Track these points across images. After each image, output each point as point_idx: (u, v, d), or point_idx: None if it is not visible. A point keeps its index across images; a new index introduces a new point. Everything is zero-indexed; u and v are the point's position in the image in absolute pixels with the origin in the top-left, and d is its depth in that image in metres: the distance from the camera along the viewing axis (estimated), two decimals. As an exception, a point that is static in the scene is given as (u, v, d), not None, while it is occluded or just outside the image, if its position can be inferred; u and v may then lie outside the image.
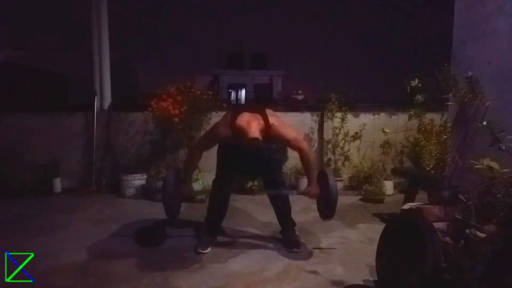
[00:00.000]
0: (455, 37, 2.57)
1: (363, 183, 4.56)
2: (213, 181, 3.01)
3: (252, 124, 2.47)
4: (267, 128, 2.54)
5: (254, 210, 3.90)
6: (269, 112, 2.66)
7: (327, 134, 4.98)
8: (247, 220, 3.60)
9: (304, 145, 2.74)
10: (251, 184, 4.57)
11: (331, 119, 4.88)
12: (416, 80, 2.93)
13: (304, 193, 2.84)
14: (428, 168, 3.42)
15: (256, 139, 2.45)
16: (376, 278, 2.26)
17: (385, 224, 2.37)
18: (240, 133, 2.48)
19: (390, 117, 5.08)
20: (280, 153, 3.02)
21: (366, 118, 5.00)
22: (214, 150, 3.00)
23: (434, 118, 4.15)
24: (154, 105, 4.41)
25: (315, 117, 5.05)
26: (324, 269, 2.53)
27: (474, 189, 2.02)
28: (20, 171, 4.51)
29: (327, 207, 2.78)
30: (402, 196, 3.78)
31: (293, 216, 3.08)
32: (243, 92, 18.90)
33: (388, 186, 4.60)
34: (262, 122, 2.54)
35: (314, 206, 4.06)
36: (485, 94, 2.23)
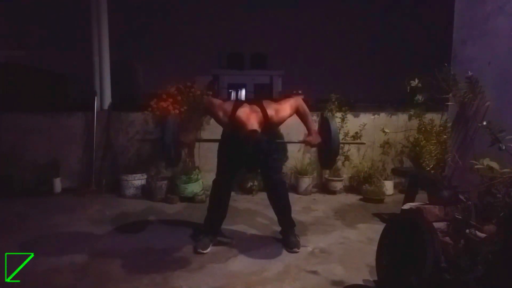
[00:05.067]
0: (455, 37, 2.57)
1: (363, 183, 4.57)
2: (213, 181, 3.01)
3: (251, 117, 2.54)
4: (266, 121, 2.59)
5: (254, 210, 3.90)
6: (266, 103, 2.69)
7: (327, 134, 4.97)
8: (247, 220, 3.60)
9: (298, 102, 2.80)
10: (251, 184, 4.57)
11: (331, 119, 4.87)
12: (416, 80, 2.93)
13: (305, 142, 2.85)
14: (428, 168, 3.42)
15: (254, 131, 2.48)
16: (376, 278, 2.26)
17: (385, 224, 2.37)
18: (239, 125, 2.53)
19: (390, 117, 5.08)
20: (280, 153, 3.01)
21: (366, 118, 5.00)
22: (214, 150, 3.00)
23: (434, 118, 4.15)
24: (154, 105, 4.42)
25: (315, 117, 5.04)
26: (324, 269, 2.53)
27: (474, 189, 2.02)
28: (20, 171, 4.51)
29: (328, 155, 2.79)
30: (402, 196, 3.79)
31: (293, 216, 3.08)
32: (243, 92, 18.88)
33: (388, 186, 4.61)
34: (260, 114, 2.59)
35: (314, 206, 4.10)
36: (485, 94, 2.23)
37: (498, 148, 1.82)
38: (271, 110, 2.65)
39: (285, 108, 2.75)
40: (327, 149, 2.77)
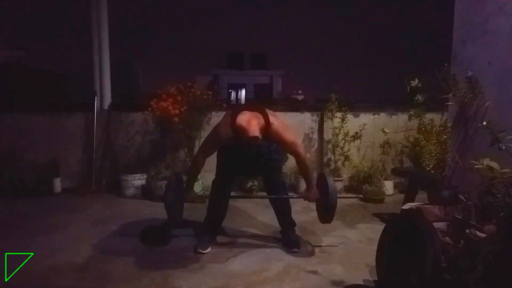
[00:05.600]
0: (455, 37, 2.56)
1: (363, 183, 4.57)
2: (213, 181, 3.01)
3: (252, 123, 2.48)
4: (267, 127, 2.54)
5: (254, 210, 3.90)
6: (269, 112, 2.66)
7: (327, 134, 4.98)
8: (247, 220, 3.60)
9: (301, 149, 2.75)
10: (251, 184, 4.57)
11: (331, 119, 4.88)
12: (416, 80, 2.93)
13: (303, 197, 2.86)
14: (428, 168, 3.42)
15: (256, 137, 2.45)
16: (376, 278, 2.26)
17: (385, 224, 2.37)
18: (240, 131, 2.48)
19: (390, 117, 5.08)
20: (280, 154, 3.02)
21: (366, 118, 5.00)
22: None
23: (434, 118, 4.14)
24: (154, 105, 4.42)
25: (315, 117, 5.05)
26: (324, 269, 2.53)
27: (474, 189, 2.02)
28: (20, 171, 4.51)
29: (326, 211, 2.80)
30: (402, 196, 3.79)
31: (293, 216, 3.08)
32: (243, 92, 18.90)
33: (388, 186, 4.61)
34: (262, 120, 2.53)
35: (314, 206, 4.09)
36: (485, 94, 2.23)
37: (498, 148, 1.82)
38: (273, 118, 2.61)
39: (289, 132, 2.68)
40: (326, 204, 2.79)
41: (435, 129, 3.91)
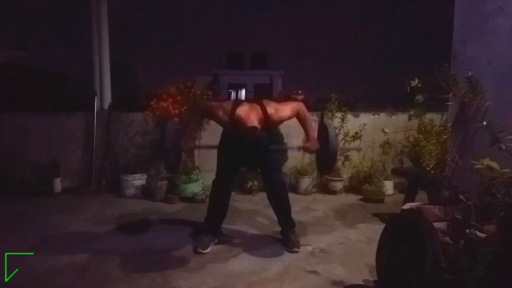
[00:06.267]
0: (455, 37, 2.57)
1: (363, 183, 4.57)
2: (213, 181, 3.01)
3: (250, 114, 2.56)
4: (266, 119, 2.62)
5: (254, 210, 3.90)
6: (266, 102, 2.72)
7: (327, 134, 4.98)
8: (247, 220, 3.60)
9: (299, 107, 2.83)
10: (251, 184, 4.57)
11: (331, 119, 4.88)
12: (416, 80, 2.93)
13: (303, 148, 2.88)
14: (428, 168, 3.42)
15: (254, 127, 2.50)
16: (376, 278, 2.26)
17: (385, 224, 2.37)
18: (239, 122, 2.54)
19: (390, 117, 5.08)
20: (280, 153, 3.02)
21: (366, 118, 5.01)
22: (214, 150, 3.00)
23: (434, 118, 4.15)
24: (154, 105, 4.42)
25: (315, 117, 5.04)
26: (324, 269, 2.53)
27: (474, 189, 2.02)
28: (20, 171, 4.51)
29: (326, 160, 2.83)
30: (402, 196, 3.79)
31: (293, 216, 3.08)
32: (243, 92, 18.89)
33: (388, 186, 4.60)
34: (260, 112, 2.62)
35: (314, 206, 4.10)
36: (485, 94, 2.23)
37: (498, 148, 1.82)
38: (271, 108, 2.68)
39: (286, 109, 2.78)
40: (325, 155, 2.80)
41: (435, 129, 3.90)
